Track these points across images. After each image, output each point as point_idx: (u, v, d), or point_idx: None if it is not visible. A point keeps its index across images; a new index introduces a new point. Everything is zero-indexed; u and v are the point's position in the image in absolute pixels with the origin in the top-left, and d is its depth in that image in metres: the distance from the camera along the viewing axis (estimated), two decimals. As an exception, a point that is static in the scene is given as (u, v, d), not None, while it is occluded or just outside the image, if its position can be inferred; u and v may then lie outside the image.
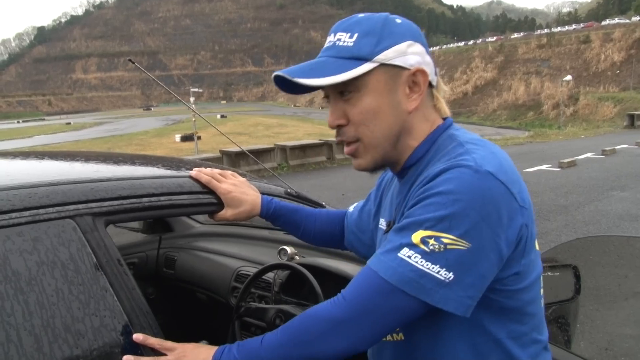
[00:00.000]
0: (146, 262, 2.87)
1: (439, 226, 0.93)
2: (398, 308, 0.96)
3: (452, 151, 1.03)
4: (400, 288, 0.94)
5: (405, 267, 0.94)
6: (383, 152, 1.10)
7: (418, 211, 0.96)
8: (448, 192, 0.93)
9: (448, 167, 0.96)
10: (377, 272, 0.96)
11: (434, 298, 0.93)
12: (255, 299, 2.17)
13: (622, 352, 2.28)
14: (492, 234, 0.93)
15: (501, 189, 0.94)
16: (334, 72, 1.02)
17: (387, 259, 0.97)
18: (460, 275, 0.93)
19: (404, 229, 0.97)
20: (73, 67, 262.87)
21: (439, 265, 0.92)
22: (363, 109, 1.06)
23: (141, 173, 1.44)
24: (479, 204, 0.92)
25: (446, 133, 1.10)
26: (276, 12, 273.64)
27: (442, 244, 0.92)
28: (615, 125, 33.46)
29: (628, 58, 58.26)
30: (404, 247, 0.95)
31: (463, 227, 0.92)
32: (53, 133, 50.21)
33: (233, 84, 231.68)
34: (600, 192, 10.55)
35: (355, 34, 1.05)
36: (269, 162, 15.70)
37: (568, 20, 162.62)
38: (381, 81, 1.05)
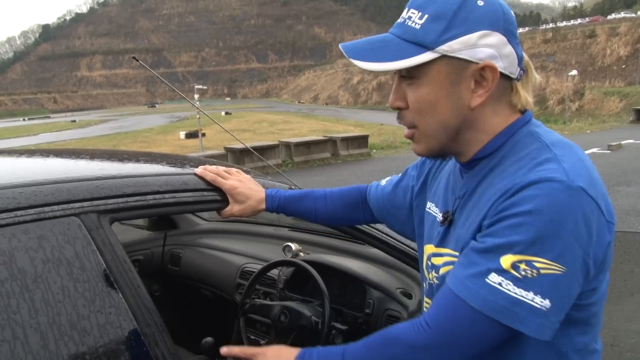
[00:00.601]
0: (151, 259, 2.88)
1: (531, 250, 0.86)
2: (487, 336, 0.91)
3: (536, 153, 0.95)
4: (493, 317, 0.88)
5: (497, 295, 0.87)
6: (439, 144, 1.04)
7: (505, 231, 0.88)
8: (539, 212, 0.86)
9: (537, 180, 0.88)
10: (464, 300, 0.90)
11: (530, 327, 0.87)
12: (260, 295, 2.18)
13: (628, 347, 2.27)
14: (583, 254, 0.87)
15: (592, 205, 0.88)
16: (393, 57, 0.97)
17: (474, 285, 0.90)
18: (557, 301, 0.87)
19: (489, 252, 0.90)
20: (78, 64, 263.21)
21: (532, 292, 0.86)
22: (420, 98, 1.00)
23: (146, 170, 1.44)
24: (572, 224, 0.85)
25: (526, 129, 1.02)
26: (280, 8, 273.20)
27: (535, 269, 0.86)
28: (621, 120, 33.27)
29: (634, 52, 57.88)
30: (492, 272, 0.88)
31: (557, 250, 0.85)
32: (58, 131, 50.26)
33: (237, 80, 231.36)
34: (606, 187, 10.44)
35: (426, 15, 0.96)
36: (274, 159, 15.70)
37: (573, 14, 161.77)
38: (442, 72, 0.97)
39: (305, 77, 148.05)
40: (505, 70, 0.98)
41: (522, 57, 1.02)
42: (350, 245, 2.30)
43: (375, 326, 1.83)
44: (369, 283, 1.91)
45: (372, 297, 1.88)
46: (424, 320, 0.96)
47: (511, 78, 1.01)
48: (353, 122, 39.23)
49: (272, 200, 1.50)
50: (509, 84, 1.02)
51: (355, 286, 1.94)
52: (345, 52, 1.00)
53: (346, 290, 1.98)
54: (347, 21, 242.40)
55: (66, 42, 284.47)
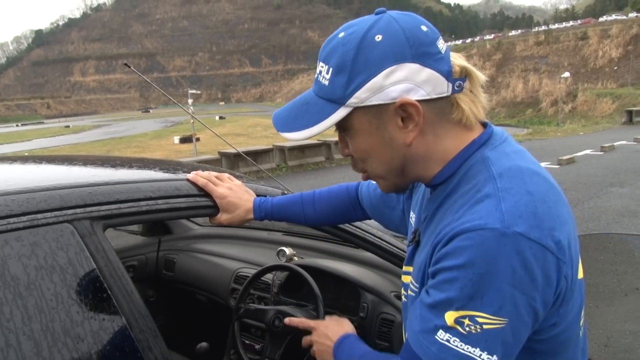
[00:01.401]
0: (146, 264, 2.88)
1: (471, 305, 0.83)
2: None
3: (481, 185, 0.90)
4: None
5: (447, 352, 0.85)
6: (392, 181, 1.03)
7: (444, 286, 0.86)
8: (471, 265, 0.82)
9: (468, 229, 0.84)
10: (420, 357, 0.89)
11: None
12: (255, 300, 2.18)
13: (621, 348, 2.28)
14: (527, 299, 0.83)
15: (534, 248, 0.82)
16: (315, 120, 0.96)
17: (426, 341, 0.88)
18: (503, 353, 0.84)
19: (435, 307, 0.87)
20: (71, 70, 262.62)
21: (479, 349, 0.83)
22: (356, 148, 0.99)
23: (139, 177, 1.44)
24: (509, 274, 0.81)
25: (480, 153, 0.95)
26: (273, 12, 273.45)
27: (477, 324, 0.83)
28: (614, 121, 33.46)
29: (625, 54, 58.28)
30: (439, 329, 0.86)
31: (496, 303, 0.82)
32: (52, 136, 50.15)
33: (231, 85, 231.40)
34: (599, 188, 10.57)
35: (331, 68, 0.93)
36: (268, 163, 15.69)
37: (565, 17, 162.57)
38: (364, 122, 0.94)
39: (299, 80, 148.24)
40: (431, 95, 0.91)
41: (450, 70, 0.93)
42: (344, 249, 2.30)
43: (369, 330, 1.83)
44: (363, 287, 1.92)
45: (366, 300, 1.88)
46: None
47: (444, 97, 0.93)
48: (347, 125, 39.19)
49: (260, 210, 1.50)
50: (445, 103, 0.94)
51: (350, 290, 1.94)
52: (275, 126, 1.03)
53: (340, 294, 1.98)
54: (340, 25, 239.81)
55: (59, 47, 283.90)
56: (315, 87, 0.98)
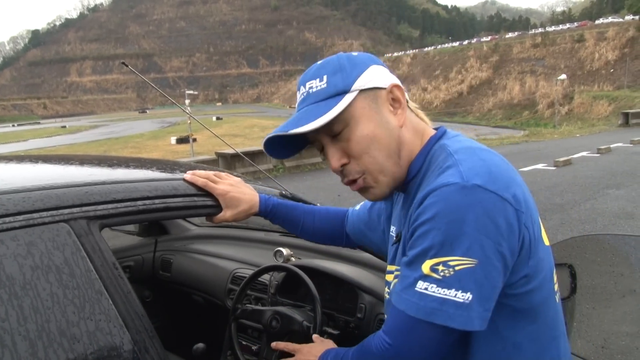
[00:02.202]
0: (142, 265, 2.87)
1: (442, 251, 0.94)
2: (433, 340, 0.98)
3: (442, 163, 1.04)
4: (428, 320, 0.95)
5: (426, 299, 0.95)
6: (391, 174, 1.11)
7: (418, 241, 0.98)
8: (438, 215, 0.94)
9: (434, 188, 0.97)
10: (404, 311, 0.99)
11: (458, 322, 0.94)
12: (252, 300, 2.17)
13: (618, 349, 2.28)
14: (493, 244, 0.94)
15: (492, 198, 0.94)
16: (321, 113, 1.05)
17: (407, 295, 0.99)
18: (477, 292, 0.94)
19: (412, 263, 0.99)
20: (68, 70, 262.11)
21: (454, 289, 0.93)
22: (359, 138, 1.07)
23: (136, 176, 1.43)
24: (472, 219, 0.92)
25: (438, 143, 1.12)
26: (270, 13, 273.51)
27: (450, 268, 0.93)
28: (610, 123, 33.56)
29: (622, 57, 58.43)
30: (418, 280, 0.97)
31: (464, 246, 0.93)
32: (48, 136, 50.06)
33: (228, 85, 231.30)
34: (596, 190, 10.59)
35: (324, 75, 1.08)
36: (265, 164, 15.68)
37: (562, 19, 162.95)
38: (365, 107, 1.07)
39: (296, 82, 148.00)
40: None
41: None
42: (341, 249, 2.29)
43: (367, 331, 1.83)
44: (360, 287, 1.91)
45: (363, 301, 1.88)
46: (385, 340, 1.04)
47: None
48: (344, 126, 39.24)
49: (266, 204, 1.51)
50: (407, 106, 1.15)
51: (347, 291, 1.94)
52: (276, 133, 1.10)
53: (338, 294, 1.97)
54: (337, 26, 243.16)
55: (56, 47, 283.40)
56: (306, 102, 1.11)
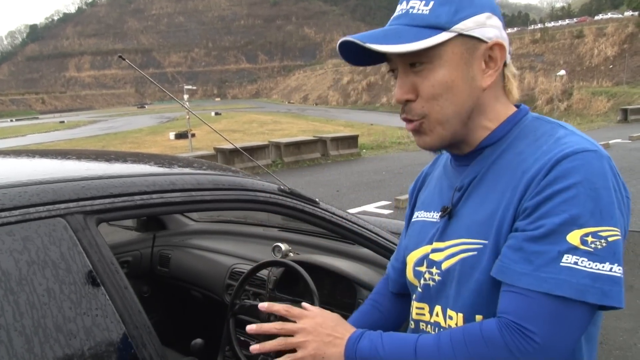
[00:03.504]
0: (140, 260, 2.87)
1: (593, 220, 0.85)
2: (582, 321, 0.87)
3: (553, 131, 0.98)
4: (582, 300, 0.84)
5: (577, 275, 0.84)
6: (452, 130, 1.02)
7: (561, 208, 0.86)
8: (588, 180, 0.86)
9: (572, 152, 0.89)
10: (548, 293, 0.85)
11: (614, 299, 0.84)
12: (250, 296, 2.17)
13: (616, 345, 2.28)
14: (623, 221, 0.90)
15: (617, 175, 0.92)
16: (410, 39, 0.95)
17: (550, 274, 0.85)
18: (622, 266, 0.87)
19: (551, 234, 0.86)
20: (66, 65, 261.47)
21: (608, 262, 0.84)
22: (435, 82, 0.98)
23: (133, 171, 1.42)
24: (612, 189, 0.88)
25: (531, 115, 1.05)
26: (269, 8, 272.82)
27: (602, 239, 0.85)
28: (609, 119, 33.53)
29: (621, 53, 58.38)
30: (564, 254, 0.85)
31: (614, 215, 0.87)
32: (47, 131, 49.96)
33: (227, 81, 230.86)
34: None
35: (432, 1, 0.97)
36: (264, 159, 15.68)
37: (561, 15, 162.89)
38: (457, 53, 0.97)
39: (295, 77, 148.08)
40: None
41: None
42: (340, 245, 2.29)
43: (365, 326, 1.82)
44: (359, 283, 1.91)
45: (362, 296, 1.88)
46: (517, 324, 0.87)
47: (505, 64, 1.03)
48: (343, 122, 39.31)
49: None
50: (502, 71, 1.04)
51: (346, 286, 1.94)
52: (355, 40, 0.97)
53: (336, 290, 1.97)
54: (336, 21, 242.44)
55: (54, 42, 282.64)
56: (401, 20, 1.00)
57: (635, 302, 3.40)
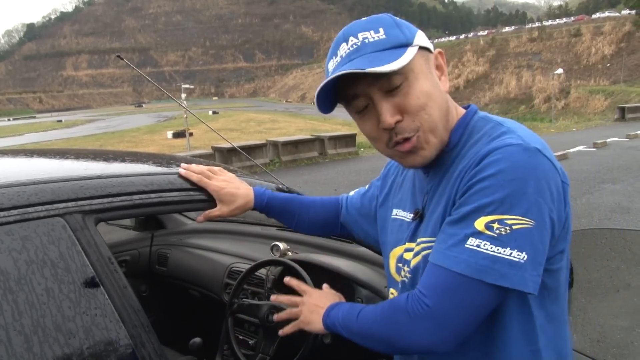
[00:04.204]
0: (138, 259, 2.87)
1: (501, 208, 0.92)
2: (478, 301, 0.94)
3: (492, 131, 1.03)
4: (478, 278, 0.92)
5: (477, 256, 0.92)
6: (440, 136, 1.06)
7: (474, 197, 0.95)
8: (502, 172, 0.92)
9: (496, 147, 0.95)
10: (448, 269, 0.95)
11: (512, 281, 0.91)
12: (248, 295, 2.17)
13: (613, 343, 2.29)
14: (547, 209, 0.93)
15: (549, 165, 0.95)
16: (391, 59, 0.97)
17: (454, 253, 0.95)
18: (532, 253, 0.92)
19: (463, 219, 0.96)
20: (63, 64, 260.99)
21: (509, 248, 0.91)
22: (419, 93, 1.02)
23: (131, 170, 1.43)
24: (533, 181, 0.92)
25: (477, 116, 1.11)
26: (267, 7, 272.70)
27: (507, 226, 0.91)
28: (606, 118, 33.59)
29: (618, 51, 58.50)
30: (469, 237, 0.94)
31: (524, 206, 0.91)
32: (44, 131, 49.90)
33: (224, 80, 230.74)
34: (592, 185, 10.60)
35: (380, 28, 1.02)
36: (261, 158, 15.67)
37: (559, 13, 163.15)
38: (422, 64, 1.04)
39: (292, 76, 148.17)
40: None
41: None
42: (338, 244, 2.30)
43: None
44: (357, 282, 1.91)
45: (360, 295, 1.88)
46: (421, 301, 0.98)
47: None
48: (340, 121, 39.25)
49: (261, 199, 1.50)
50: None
51: (344, 285, 1.94)
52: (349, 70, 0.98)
53: (334, 288, 1.97)
54: (334, 20, 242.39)
55: (51, 41, 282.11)
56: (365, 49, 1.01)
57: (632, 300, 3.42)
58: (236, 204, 1.46)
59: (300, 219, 1.55)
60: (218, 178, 1.47)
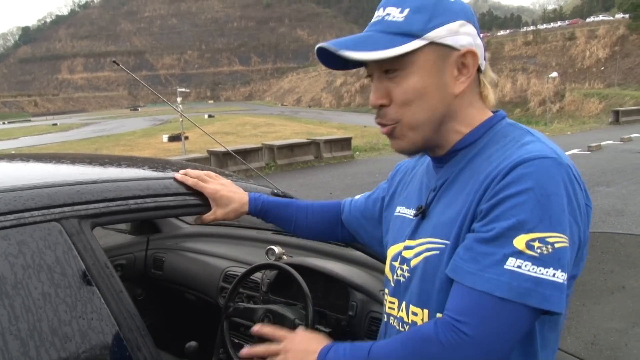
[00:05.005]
0: (134, 263, 2.87)
1: (541, 226, 0.87)
2: (519, 324, 0.89)
3: (520, 137, 0.99)
4: (521, 302, 0.87)
5: (519, 278, 0.86)
6: (423, 135, 1.05)
7: (511, 212, 0.89)
8: (540, 187, 0.88)
9: (529, 158, 0.91)
10: (490, 293, 0.88)
11: (554, 304, 0.87)
12: (244, 299, 2.17)
13: (607, 345, 2.30)
14: (577, 229, 0.91)
15: (578, 184, 0.93)
16: (383, 46, 0.97)
17: (493, 275, 0.88)
18: (567, 272, 0.88)
19: (499, 237, 0.89)
20: (59, 67, 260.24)
21: (552, 268, 0.86)
22: (408, 89, 1.01)
23: (127, 175, 1.43)
24: (566, 197, 0.89)
25: (505, 122, 1.07)
26: (262, 10, 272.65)
27: (548, 244, 0.87)
28: (601, 121, 33.69)
29: (612, 55, 58.73)
30: (508, 257, 0.88)
31: (564, 222, 0.88)
32: (39, 134, 49.77)
33: (220, 83, 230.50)
34: (587, 187, 10.63)
35: (407, 9, 0.99)
36: (257, 162, 15.66)
37: (553, 17, 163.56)
38: (430, 60, 1.00)
39: (288, 79, 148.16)
40: (480, 60, 1.04)
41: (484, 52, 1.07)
42: (333, 247, 2.30)
43: (358, 328, 1.84)
44: (352, 285, 1.92)
45: (355, 299, 1.88)
46: (459, 330, 0.90)
47: (480, 70, 1.06)
48: (336, 124, 39.32)
49: (256, 203, 1.50)
50: (477, 77, 1.07)
51: (339, 288, 1.94)
52: (329, 47, 1.00)
53: (329, 292, 1.98)
54: (329, 23, 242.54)
55: (46, 44, 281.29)
56: (377, 27, 1.02)
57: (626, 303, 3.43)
58: (231, 207, 1.46)
59: (298, 222, 1.54)
60: (214, 182, 1.48)
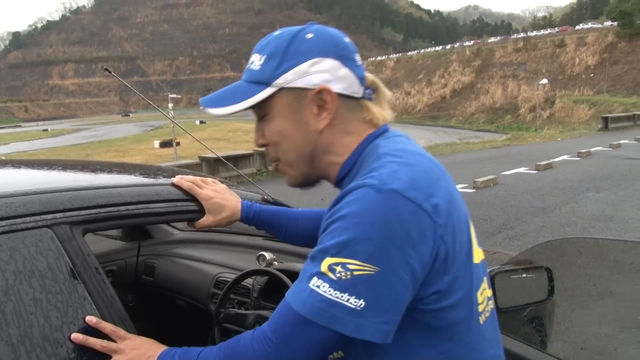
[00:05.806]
0: (125, 269, 2.86)
1: (344, 252, 0.89)
2: (313, 340, 0.92)
3: (370, 164, 0.99)
4: (311, 319, 0.90)
5: (315, 297, 0.90)
6: (300, 171, 1.13)
7: (326, 237, 0.93)
8: (350, 215, 0.90)
9: (352, 188, 0.93)
10: (290, 305, 0.93)
11: (346, 327, 0.89)
12: (235, 305, 2.17)
13: (597, 350, 2.31)
14: (402, 254, 0.89)
15: (409, 206, 0.89)
16: (240, 98, 1.06)
17: (299, 289, 0.93)
18: (372, 301, 0.88)
19: (314, 258, 0.94)
20: (50, 72, 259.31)
21: (347, 293, 0.88)
22: (273, 131, 1.09)
23: (118, 181, 1.44)
24: (382, 225, 0.88)
25: (373, 143, 1.07)
26: (254, 17, 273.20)
27: (348, 271, 0.88)
28: (590, 127, 33.93)
29: (601, 62, 59.20)
30: (313, 276, 0.91)
31: (367, 251, 0.88)
32: (30, 140, 49.57)
33: (212, 89, 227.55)
34: (576, 193, 10.70)
35: (264, 56, 1.06)
36: (248, 168, 15.65)
37: (543, 24, 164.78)
38: (285, 104, 1.05)
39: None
40: (346, 91, 1.05)
41: (364, 77, 1.09)
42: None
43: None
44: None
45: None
46: (267, 329, 0.97)
47: (356, 98, 1.08)
48: (328, 130, 39.32)
49: (248, 211, 1.51)
50: (356, 104, 1.08)
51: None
52: (201, 105, 1.10)
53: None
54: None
55: (37, 50, 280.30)
56: (245, 75, 1.10)
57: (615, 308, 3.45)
58: (222, 214, 1.47)
59: (288, 230, 1.55)
60: (209, 188, 1.49)
